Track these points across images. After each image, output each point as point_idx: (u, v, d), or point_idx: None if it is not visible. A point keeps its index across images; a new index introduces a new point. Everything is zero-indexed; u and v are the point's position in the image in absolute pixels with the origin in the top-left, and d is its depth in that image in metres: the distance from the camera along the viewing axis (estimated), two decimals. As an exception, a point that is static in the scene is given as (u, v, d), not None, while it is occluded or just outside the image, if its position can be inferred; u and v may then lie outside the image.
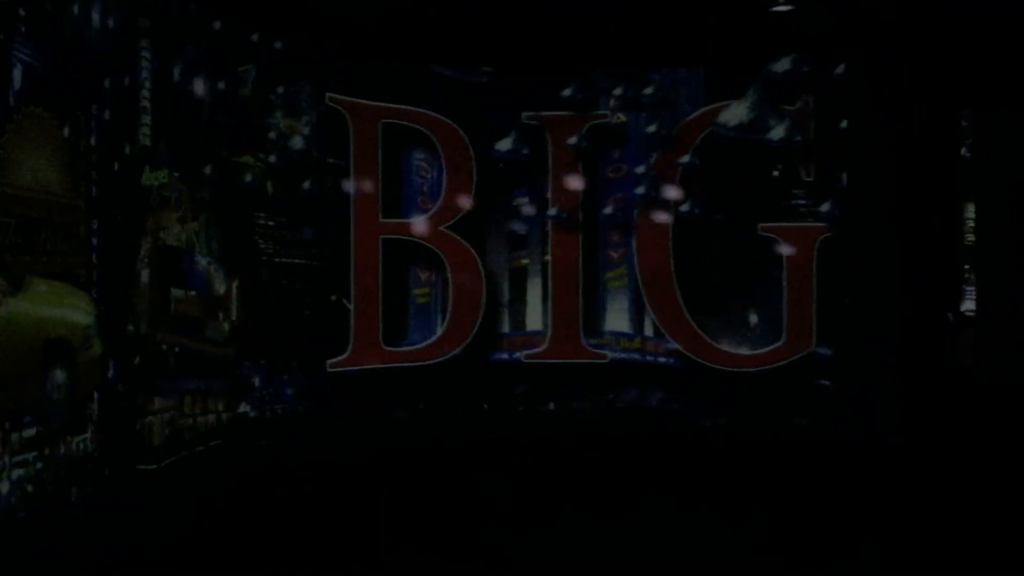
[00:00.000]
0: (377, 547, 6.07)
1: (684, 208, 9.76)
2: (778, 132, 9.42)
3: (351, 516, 6.66)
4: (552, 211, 9.99)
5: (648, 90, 9.85)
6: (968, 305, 9.32)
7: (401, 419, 9.40)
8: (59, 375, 5.59)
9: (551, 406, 9.89)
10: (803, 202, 9.74)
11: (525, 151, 9.92)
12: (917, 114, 8.97)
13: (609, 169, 10.16)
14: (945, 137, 9.30)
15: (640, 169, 9.90)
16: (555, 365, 9.97)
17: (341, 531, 6.32)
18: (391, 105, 9.68)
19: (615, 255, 10.21)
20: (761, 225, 9.72)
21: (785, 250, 9.70)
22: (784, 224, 9.70)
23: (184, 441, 7.26)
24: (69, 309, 5.81)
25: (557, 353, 9.98)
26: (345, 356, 9.43)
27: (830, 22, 8.91)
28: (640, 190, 9.88)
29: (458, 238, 9.86)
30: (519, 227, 10.24)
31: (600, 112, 9.91)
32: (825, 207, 9.51)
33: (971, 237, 9.46)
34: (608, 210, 10.14)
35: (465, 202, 9.88)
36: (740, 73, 9.53)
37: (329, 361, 9.29)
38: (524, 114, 9.92)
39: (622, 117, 9.89)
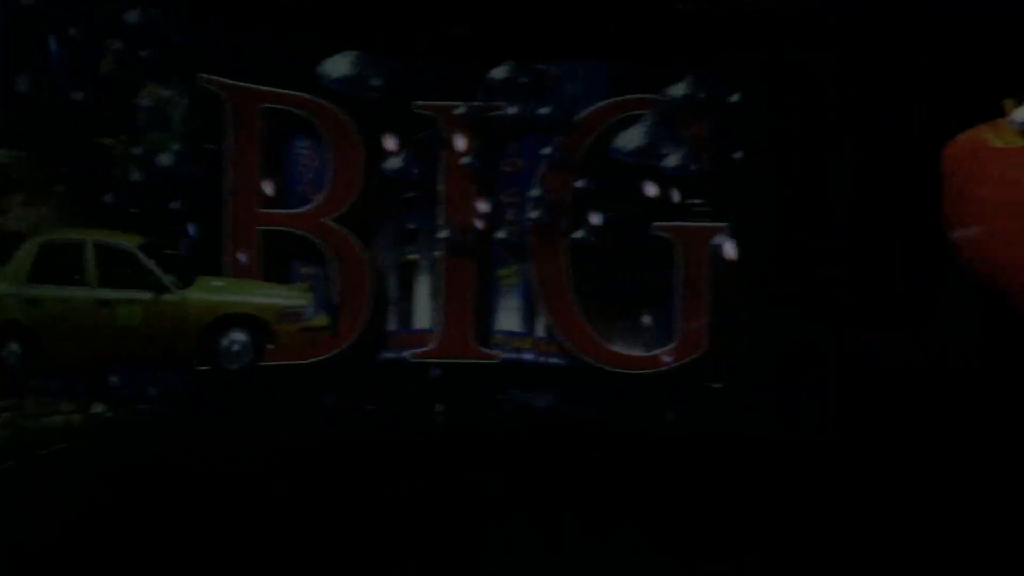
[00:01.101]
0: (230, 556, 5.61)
1: (580, 207, 9.50)
2: (674, 159, 9.26)
3: (202, 525, 6.17)
4: (444, 205, 9.62)
5: (545, 83, 9.56)
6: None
7: (276, 419, 8.89)
8: None
9: (440, 407, 9.52)
10: (699, 202, 9.57)
11: (417, 141, 9.54)
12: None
13: (505, 163, 9.83)
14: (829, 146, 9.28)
15: (536, 165, 9.61)
16: (444, 365, 9.61)
17: (190, 541, 5.84)
18: (272, 89, 9.19)
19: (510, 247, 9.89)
20: (655, 224, 9.51)
21: (679, 250, 9.51)
22: (678, 224, 9.50)
23: (25, 444, 6.68)
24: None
25: (446, 352, 9.62)
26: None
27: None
28: (535, 187, 9.58)
29: (343, 231, 9.42)
30: (410, 220, 9.86)
31: (496, 104, 9.57)
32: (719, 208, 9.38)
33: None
34: (503, 205, 9.82)
35: (351, 193, 9.44)
36: (640, 66, 9.33)
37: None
38: (416, 103, 9.55)
39: (516, 110, 9.55)
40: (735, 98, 9.16)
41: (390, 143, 9.32)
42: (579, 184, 9.44)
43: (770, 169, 9.26)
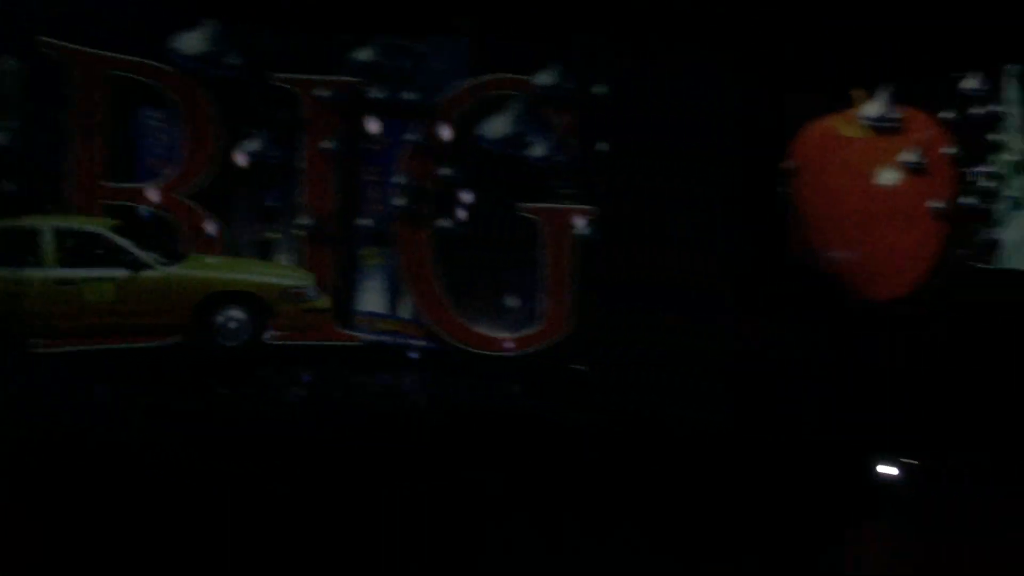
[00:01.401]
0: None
1: (446, 186, 9.36)
2: (540, 149, 9.20)
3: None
4: (304, 187, 9.31)
5: (409, 60, 9.35)
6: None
7: (122, 405, 8.45)
8: None
9: (297, 391, 9.25)
10: (565, 186, 9.57)
11: (276, 115, 9.20)
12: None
13: (367, 140, 9.58)
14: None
15: (400, 140, 9.40)
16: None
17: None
18: (118, 55, 8.68)
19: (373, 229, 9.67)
20: (522, 205, 9.46)
21: (545, 232, 9.49)
22: (545, 205, 9.48)
23: None
24: None
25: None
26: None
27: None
28: (399, 173, 9.38)
29: (197, 207, 8.99)
30: (269, 196, 9.49)
31: (357, 80, 9.29)
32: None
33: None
34: (366, 181, 9.58)
35: (206, 169, 9.02)
36: (504, 43, 9.22)
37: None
38: (276, 75, 9.19)
39: (379, 89, 9.28)
40: (602, 89, 9.15)
41: (248, 118, 8.97)
42: (443, 172, 9.27)
43: (636, 156, 9.29)
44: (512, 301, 9.59)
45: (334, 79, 9.20)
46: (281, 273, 8.62)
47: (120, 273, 7.54)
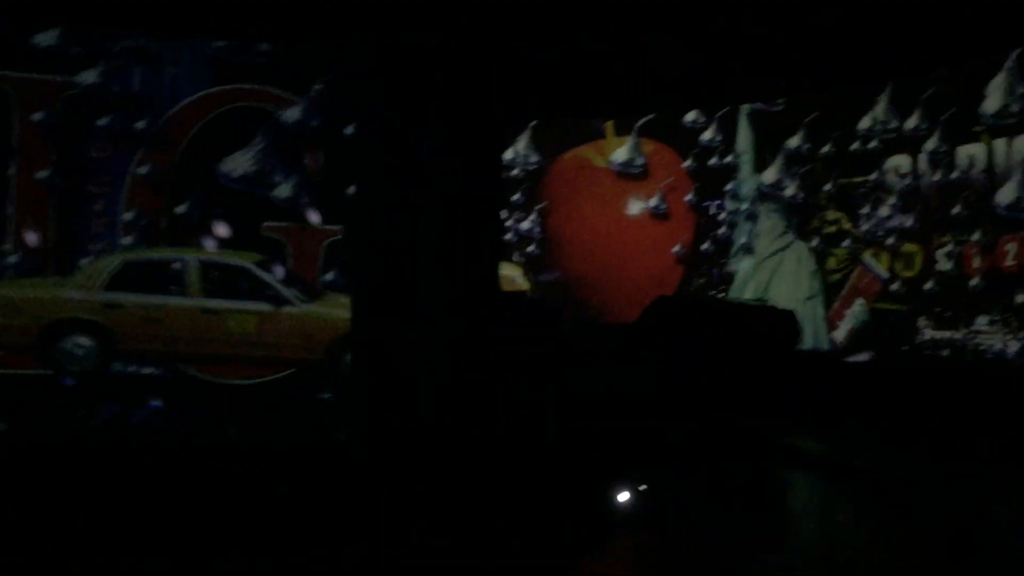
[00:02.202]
0: None
1: (180, 208, 8.63)
2: (285, 189, 8.69)
3: None
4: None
5: (145, 66, 8.58)
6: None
7: None
8: None
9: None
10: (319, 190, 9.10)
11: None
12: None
13: (92, 147, 8.69)
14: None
15: (133, 155, 8.60)
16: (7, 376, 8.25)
17: None
18: None
19: (98, 244, 8.76)
20: (265, 224, 8.91)
21: (291, 252, 8.99)
22: (289, 224, 8.98)
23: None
24: None
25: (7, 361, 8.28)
26: None
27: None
28: (126, 210, 8.57)
29: None
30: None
31: (89, 81, 8.39)
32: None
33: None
34: (92, 193, 8.68)
35: None
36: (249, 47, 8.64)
37: None
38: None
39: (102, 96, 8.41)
40: (349, 130, 8.76)
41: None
42: (179, 210, 8.51)
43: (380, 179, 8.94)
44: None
45: (59, 80, 8.28)
46: None
47: (263, 307, 7.50)
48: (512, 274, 9.58)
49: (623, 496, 5.68)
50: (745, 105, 9.96)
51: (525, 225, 11.33)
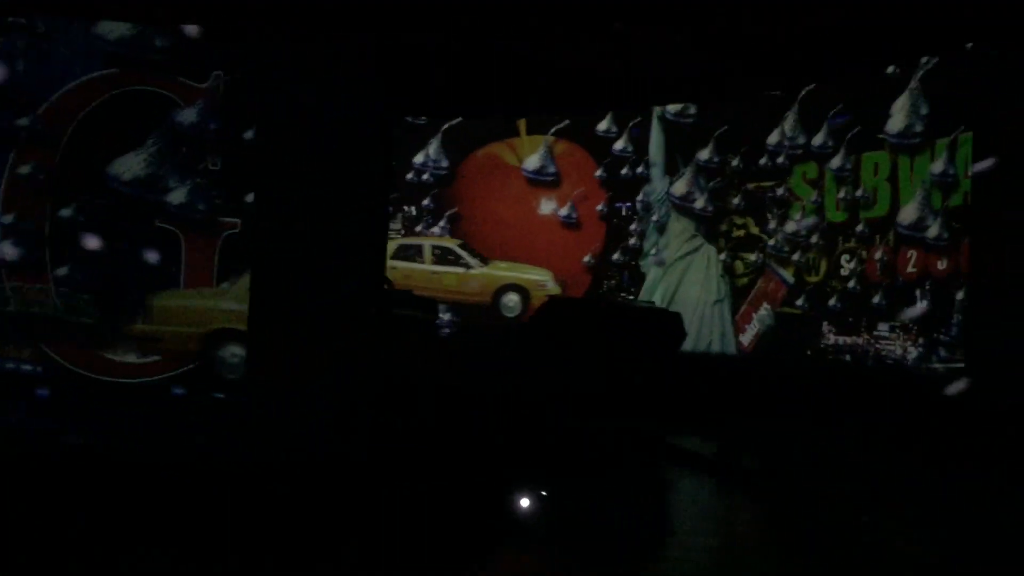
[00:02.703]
0: None
1: (65, 211, 8.04)
2: (179, 196, 8.23)
3: None
4: None
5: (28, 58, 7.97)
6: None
7: None
8: None
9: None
10: (216, 194, 8.68)
11: None
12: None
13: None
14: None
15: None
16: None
17: None
18: None
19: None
20: (160, 219, 8.43)
21: (185, 246, 8.51)
22: (183, 219, 8.50)
23: None
24: None
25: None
26: None
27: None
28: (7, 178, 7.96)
29: None
30: None
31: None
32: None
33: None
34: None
35: None
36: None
37: None
38: None
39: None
40: (249, 134, 8.39)
41: None
42: (64, 214, 7.95)
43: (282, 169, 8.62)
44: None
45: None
46: (535, 271, 10.98)
47: (459, 270, 10.94)
48: (542, 278, 10.73)
49: (524, 502, 5.56)
50: (656, 116, 10.00)
51: (435, 231, 11.17)
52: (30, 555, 4.75)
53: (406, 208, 11.21)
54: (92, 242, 8.17)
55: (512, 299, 11.08)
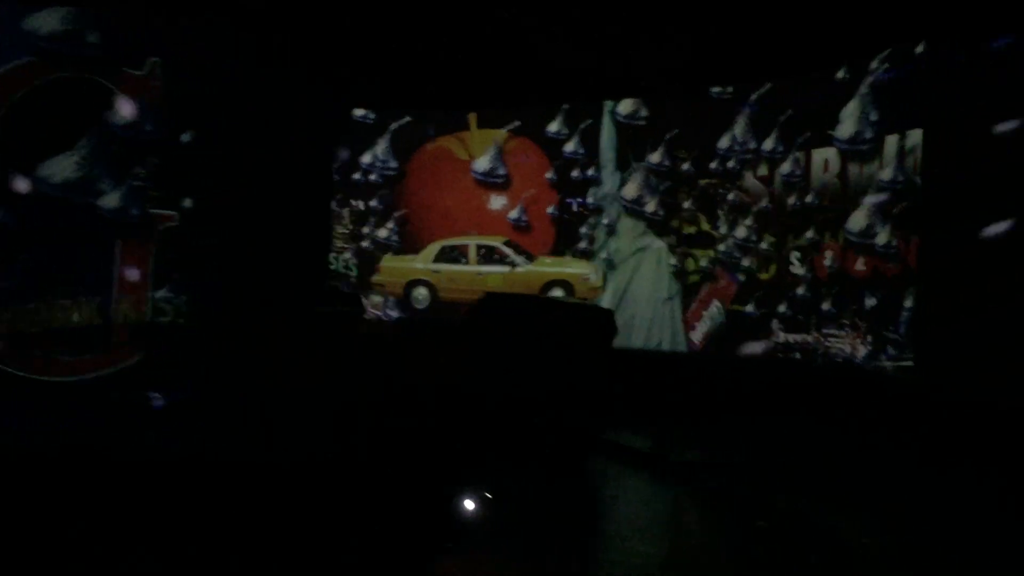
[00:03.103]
0: None
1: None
2: (113, 199, 7.99)
3: None
4: None
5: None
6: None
7: None
8: None
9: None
10: (151, 186, 8.40)
11: None
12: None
13: None
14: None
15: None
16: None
17: None
18: None
19: None
20: (91, 224, 8.09)
21: (119, 243, 8.20)
22: (121, 213, 8.17)
23: None
24: None
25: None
26: None
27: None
28: None
29: None
30: None
31: None
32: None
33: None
34: None
35: None
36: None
37: None
38: None
39: None
40: (186, 136, 8.17)
41: None
42: None
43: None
44: (79, 314, 8.15)
45: None
46: (579, 265, 10.49)
47: (504, 269, 10.68)
48: (585, 272, 10.28)
49: (469, 504, 5.47)
50: (608, 111, 9.91)
51: (382, 233, 10.99)
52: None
53: (353, 203, 11.00)
54: (20, 246, 7.84)
55: (558, 294, 10.65)
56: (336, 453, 6.25)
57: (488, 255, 10.85)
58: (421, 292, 10.92)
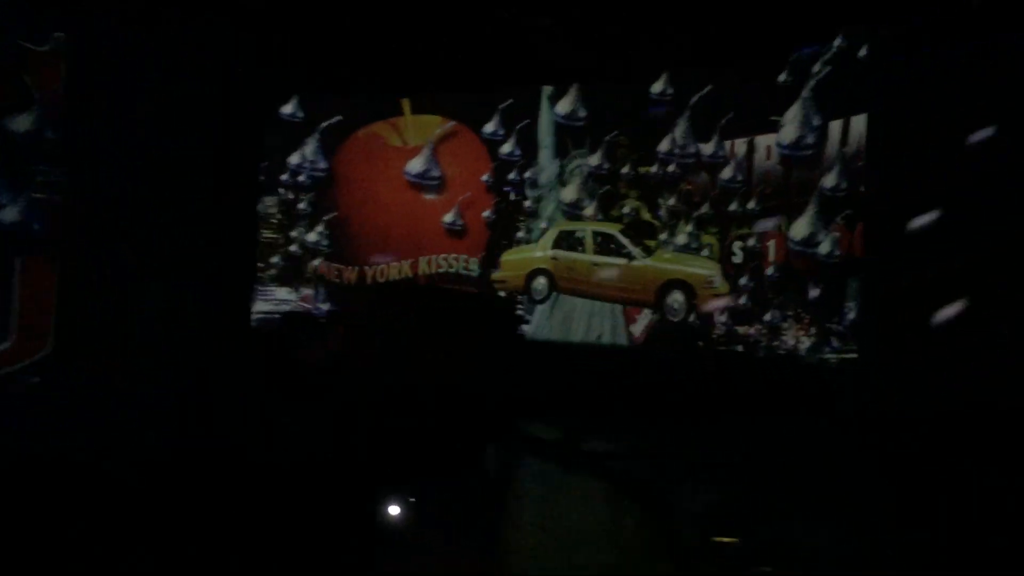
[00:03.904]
0: None
1: None
2: (11, 212, 7.42)
3: None
4: None
5: None
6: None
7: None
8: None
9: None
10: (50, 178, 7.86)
11: None
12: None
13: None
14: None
15: None
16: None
17: None
18: None
19: None
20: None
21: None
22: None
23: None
24: None
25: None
26: None
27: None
28: None
29: None
30: None
31: None
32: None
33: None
34: None
35: None
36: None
37: None
38: None
39: None
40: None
41: None
42: None
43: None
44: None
45: None
46: (702, 264, 9.25)
47: (621, 260, 9.41)
48: (710, 273, 8.97)
49: (393, 510, 5.25)
50: (547, 96, 9.62)
51: (312, 237, 10.57)
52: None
53: (282, 203, 10.61)
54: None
55: (677, 299, 9.25)
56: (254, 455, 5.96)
57: (605, 243, 9.69)
58: (540, 282, 9.93)
